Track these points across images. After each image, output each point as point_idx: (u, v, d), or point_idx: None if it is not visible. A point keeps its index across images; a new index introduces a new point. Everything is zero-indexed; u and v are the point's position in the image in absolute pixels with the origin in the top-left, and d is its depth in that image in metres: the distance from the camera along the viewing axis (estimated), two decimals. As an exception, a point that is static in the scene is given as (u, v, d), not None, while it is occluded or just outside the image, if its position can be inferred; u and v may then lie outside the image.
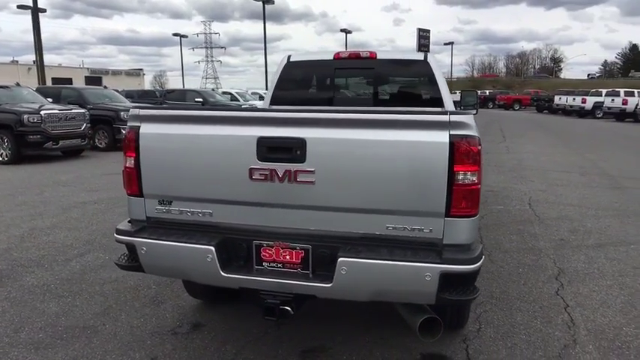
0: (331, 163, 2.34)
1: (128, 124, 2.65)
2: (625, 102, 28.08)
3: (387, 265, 2.27)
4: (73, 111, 11.90)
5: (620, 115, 28.51)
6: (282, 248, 2.49)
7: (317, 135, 2.35)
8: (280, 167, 2.38)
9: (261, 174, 2.41)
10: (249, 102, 20.50)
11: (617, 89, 30.88)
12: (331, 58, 4.57)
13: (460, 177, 2.24)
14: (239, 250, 2.54)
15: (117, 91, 17.52)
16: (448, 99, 4.35)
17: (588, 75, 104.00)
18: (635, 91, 29.93)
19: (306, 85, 4.85)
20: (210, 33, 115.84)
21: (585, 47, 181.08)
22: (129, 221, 2.79)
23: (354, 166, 2.33)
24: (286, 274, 2.49)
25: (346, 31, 44.62)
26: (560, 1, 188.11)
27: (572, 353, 3.02)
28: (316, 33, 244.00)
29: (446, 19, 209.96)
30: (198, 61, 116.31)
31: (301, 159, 2.35)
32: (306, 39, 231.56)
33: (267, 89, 26.44)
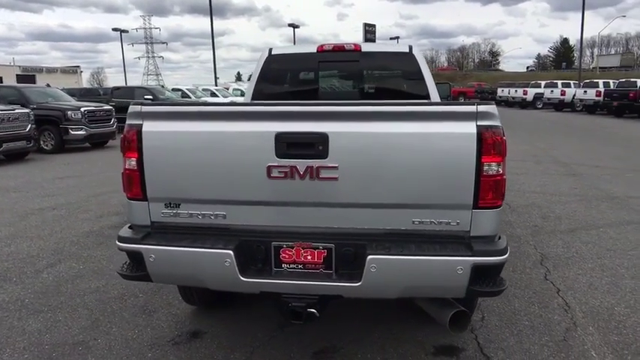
0: (355, 157, 2.26)
1: (128, 123, 2.45)
2: (563, 93, 29.71)
3: (418, 261, 2.22)
4: (16, 111, 11.08)
5: (559, 106, 30.16)
6: (304, 248, 2.39)
7: (340, 129, 2.26)
8: (301, 164, 2.27)
9: (280, 171, 2.29)
10: (202, 99, 19.95)
11: (555, 81, 32.63)
12: (314, 50, 4.47)
13: (487, 168, 2.23)
14: (256, 253, 2.41)
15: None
16: (434, 92, 4.37)
17: (527, 67, 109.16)
18: (571, 82, 31.75)
19: (289, 78, 4.72)
20: (151, 28, 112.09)
21: (520, 41, 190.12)
22: (129, 227, 2.59)
23: (378, 160, 2.26)
24: (307, 275, 2.39)
25: (294, 26, 44.34)
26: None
27: (576, 336, 3.11)
28: (260, 28, 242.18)
29: (388, 14, 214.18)
30: (139, 57, 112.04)
31: (324, 154, 2.26)
32: (249, 34, 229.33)
33: (217, 85, 25.91)
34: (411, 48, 4.38)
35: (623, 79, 27.26)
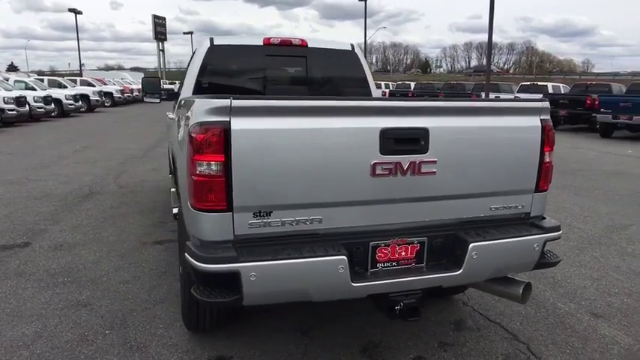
0: (450, 151, 2.36)
1: (207, 120, 2.04)
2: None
3: (509, 243, 2.44)
4: None
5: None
6: (399, 245, 2.37)
7: (438, 124, 2.32)
8: (405, 159, 2.26)
9: (384, 168, 2.24)
10: (47, 91, 16.30)
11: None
12: (260, 43, 4.23)
13: (546, 156, 2.58)
14: (355, 256, 2.30)
15: None
16: (374, 88, 4.62)
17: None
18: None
19: (234, 71, 4.34)
20: None
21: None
22: (195, 244, 2.16)
23: (468, 153, 2.40)
24: (403, 271, 2.39)
25: (76, 12, 39.08)
26: (271, 0, 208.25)
27: (537, 293, 3.76)
28: (14, 10, 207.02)
29: (167, 7, 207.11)
30: None
31: (425, 149, 2.29)
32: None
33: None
34: (353, 46, 4.53)
35: (400, 82, 32.21)
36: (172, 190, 4.77)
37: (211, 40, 4.14)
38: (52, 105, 18.83)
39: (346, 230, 2.30)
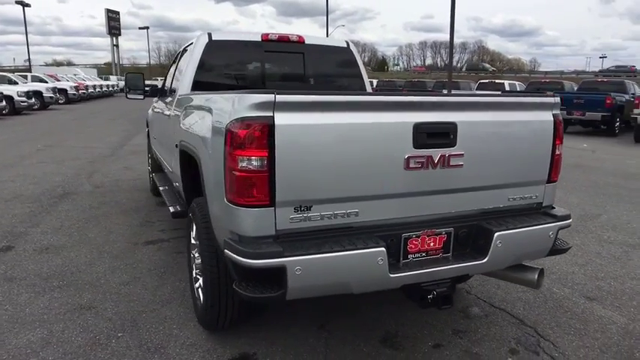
0: (476, 145, 2.45)
1: (249, 115, 2.04)
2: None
3: (529, 231, 2.57)
4: None
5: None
6: (428, 236, 2.45)
7: (465, 118, 2.41)
8: (436, 153, 2.34)
9: (417, 162, 2.31)
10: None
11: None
12: (259, 39, 4.21)
13: (557, 148, 2.72)
14: (390, 247, 2.35)
15: None
16: (368, 83, 4.69)
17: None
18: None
19: (233, 67, 4.27)
20: None
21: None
22: (235, 240, 2.15)
23: (491, 146, 2.51)
24: (432, 261, 2.47)
25: (23, 4, 37.08)
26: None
27: (533, 280, 3.94)
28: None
29: (119, 1, 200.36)
30: None
31: (453, 143, 2.38)
32: None
33: None
34: (348, 43, 4.58)
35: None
36: (162, 188, 4.69)
37: (209, 35, 4.08)
38: (3, 102, 17.84)
39: (380, 223, 2.35)
